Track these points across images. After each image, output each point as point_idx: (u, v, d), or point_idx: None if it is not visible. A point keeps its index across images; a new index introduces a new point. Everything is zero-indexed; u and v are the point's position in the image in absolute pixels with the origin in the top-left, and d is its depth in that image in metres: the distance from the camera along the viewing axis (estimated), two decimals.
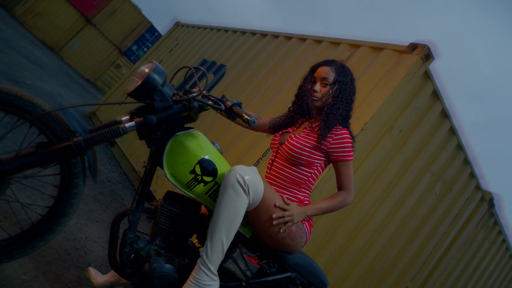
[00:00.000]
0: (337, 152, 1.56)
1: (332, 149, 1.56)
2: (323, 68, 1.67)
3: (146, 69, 1.32)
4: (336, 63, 1.68)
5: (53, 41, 15.48)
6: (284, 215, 1.43)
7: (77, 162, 1.26)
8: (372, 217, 3.17)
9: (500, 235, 4.88)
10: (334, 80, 1.62)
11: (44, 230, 1.26)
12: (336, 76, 1.63)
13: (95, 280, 1.70)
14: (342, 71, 1.65)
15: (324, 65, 1.69)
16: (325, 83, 1.63)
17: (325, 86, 1.64)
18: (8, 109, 1.16)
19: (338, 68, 1.65)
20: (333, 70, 1.65)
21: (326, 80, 1.63)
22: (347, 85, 1.64)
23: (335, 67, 1.66)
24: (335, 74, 1.63)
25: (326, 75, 1.64)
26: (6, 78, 4.63)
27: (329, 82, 1.63)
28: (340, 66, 1.67)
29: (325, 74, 1.64)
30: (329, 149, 1.56)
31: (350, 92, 1.65)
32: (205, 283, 1.32)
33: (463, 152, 3.73)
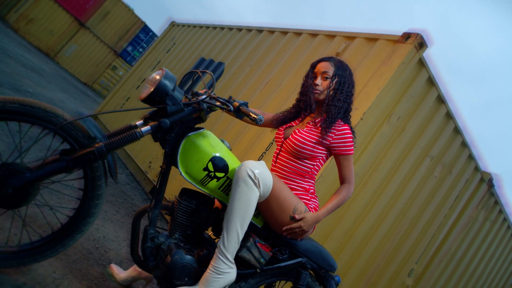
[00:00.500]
0: (339, 146, 1.65)
1: (334, 144, 1.65)
2: (322, 63, 1.77)
3: (157, 76, 1.42)
4: (335, 58, 1.78)
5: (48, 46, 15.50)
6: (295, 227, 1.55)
7: (99, 165, 1.36)
8: (376, 202, 3.28)
9: (501, 214, 4.99)
10: (334, 74, 1.72)
11: (73, 230, 1.36)
12: (335, 70, 1.72)
13: (118, 276, 1.81)
14: (341, 65, 1.74)
15: (323, 60, 1.78)
16: (325, 77, 1.72)
17: (325, 79, 1.73)
18: (33, 121, 1.25)
19: (337, 63, 1.74)
20: (332, 64, 1.74)
21: (326, 74, 1.72)
22: (346, 78, 1.73)
23: (333, 62, 1.75)
24: (334, 68, 1.73)
25: (326, 69, 1.73)
26: (9, 88, 4.71)
27: (329, 75, 1.72)
28: (338, 61, 1.76)
29: (325, 68, 1.73)
30: (331, 144, 1.65)
31: (349, 85, 1.74)
32: (224, 271, 1.42)
33: (461, 136, 3.82)
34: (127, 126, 1.44)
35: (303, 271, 1.67)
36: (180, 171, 1.44)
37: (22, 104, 1.22)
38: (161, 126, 1.38)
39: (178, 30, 7.05)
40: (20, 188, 1.22)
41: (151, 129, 1.39)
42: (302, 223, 1.56)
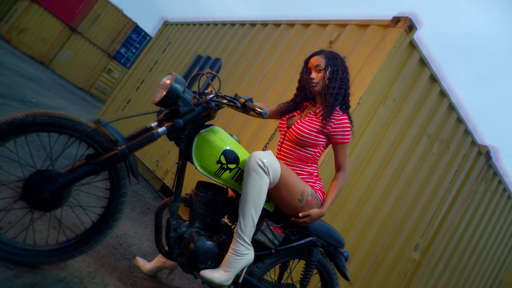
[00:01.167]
0: (338, 135, 1.78)
1: (333, 133, 1.78)
2: (314, 58, 1.88)
3: (167, 80, 1.54)
4: (324, 51, 1.89)
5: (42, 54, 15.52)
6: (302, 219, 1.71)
7: (122, 166, 1.49)
8: (377, 183, 3.42)
9: (501, 185, 5.12)
10: (326, 65, 1.83)
11: (103, 226, 1.50)
12: (327, 61, 1.84)
13: (143, 267, 1.96)
14: (331, 56, 1.85)
15: (314, 55, 1.90)
16: (319, 69, 1.84)
17: (319, 72, 1.84)
18: (61, 131, 1.38)
19: (327, 54, 1.86)
20: (323, 57, 1.85)
21: (319, 67, 1.84)
22: (338, 66, 1.84)
23: (324, 54, 1.86)
24: (325, 59, 1.84)
25: (318, 62, 1.84)
26: (14, 100, 4.83)
27: (322, 67, 1.83)
28: (328, 52, 1.87)
29: (317, 61, 1.85)
30: (330, 132, 1.78)
31: (343, 72, 1.86)
32: (243, 253, 1.57)
33: (456, 112, 3.94)
34: (143, 128, 1.56)
35: (314, 249, 1.81)
36: (195, 165, 1.58)
37: (50, 116, 1.35)
38: (176, 126, 1.51)
39: (172, 29, 7.12)
40: (55, 192, 1.36)
41: (167, 130, 1.53)
42: (308, 220, 1.71)
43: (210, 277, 1.53)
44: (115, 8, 16.89)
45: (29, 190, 1.33)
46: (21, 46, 14.91)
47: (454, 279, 4.96)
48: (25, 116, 1.32)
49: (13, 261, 1.36)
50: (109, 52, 16.88)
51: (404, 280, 4.15)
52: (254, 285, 1.71)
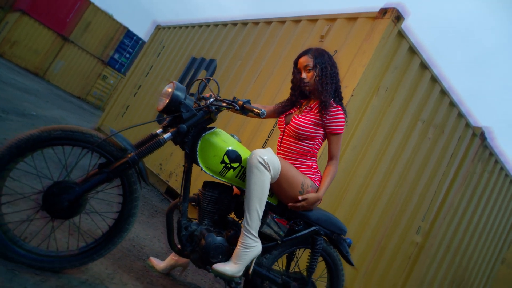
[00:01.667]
0: (332, 125, 1.88)
1: (328, 123, 1.88)
2: (301, 58, 1.98)
3: (169, 89, 1.64)
4: (311, 49, 1.98)
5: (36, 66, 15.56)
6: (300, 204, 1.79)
7: (133, 172, 1.59)
8: (376, 170, 3.52)
9: (497, 164, 5.22)
10: (314, 64, 1.92)
11: (119, 229, 1.60)
12: (314, 60, 1.93)
13: (157, 266, 2.07)
14: (318, 54, 1.95)
15: (301, 56, 1.99)
16: (308, 69, 1.94)
17: (309, 71, 1.94)
18: (74, 143, 1.48)
19: (314, 52, 1.95)
20: (310, 56, 1.95)
21: (308, 66, 1.93)
22: (326, 63, 1.94)
23: (311, 53, 1.96)
24: (313, 58, 1.94)
25: (306, 63, 1.94)
26: (15, 114, 4.91)
27: (310, 67, 1.93)
28: (315, 50, 1.97)
29: (305, 62, 1.95)
30: (325, 123, 1.88)
31: (331, 67, 1.95)
32: (251, 245, 1.67)
33: (448, 96, 4.03)
34: (150, 135, 1.66)
35: (318, 237, 1.92)
36: (201, 167, 1.68)
37: (64, 130, 1.45)
38: (180, 131, 1.61)
39: (165, 33, 7.19)
40: (73, 201, 1.46)
41: (172, 135, 1.63)
42: (305, 203, 1.80)
43: (222, 270, 1.64)
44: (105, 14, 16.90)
45: (49, 200, 1.43)
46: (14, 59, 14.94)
47: (457, 260, 5.08)
48: (41, 132, 1.41)
49: (39, 267, 1.46)
50: (102, 58, 16.92)
51: (408, 263, 4.27)
52: (264, 275, 1.81)
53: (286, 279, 1.88)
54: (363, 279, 3.77)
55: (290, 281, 1.88)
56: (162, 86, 5.90)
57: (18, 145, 1.38)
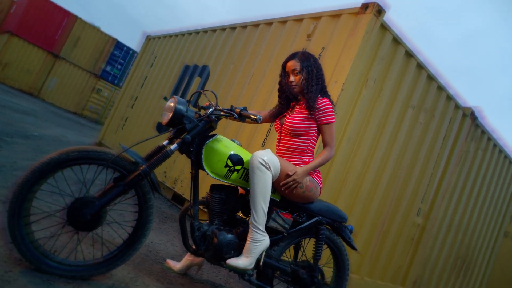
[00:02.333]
0: (321, 116, 2.02)
1: (318, 115, 2.02)
2: (289, 62, 2.12)
3: (171, 103, 1.79)
4: (298, 53, 2.12)
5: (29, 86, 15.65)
6: (290, 180, 1.90)
7: (145, 183, 1.74)
8: (372, 159, 3.67)
9: (490, 141, 5.38)
10: (301, 67, 2.07)
11: (138, 236, 1.74)
12: (301, 64, 2.07)
13: (175, 267, 2.22)
14: (304, 58, 2.09)
15: (289, 60, 2.13)
16: (296, 73, 2.08)
17: (296, 74, 2.08)
18: (90, 162, 1.62)
19: (301, 57, 2.10)
20: (297, 60, 2.09)
21: (296, 70, 2.08)
22: (312, 66, 2.08)
23: (298, 58, 2.10)
24: (300, 62, 2.08)
25: (294, 67, 2.09)
26: (19, 137, 5.05)
27: (298, 70, 2.07)
28: (301, 54, 2.11)
29: (293, 66, 2.09)
30: (315, 116, 2.02)
31: (317, 70, 2.10)
32: (260, 239, 1.82)
33: (435, 81, 4.17)
34: (157, 147, 1.80)
35: (321, 227, 2.07)
36: (207, 172, 1.82)
37: (80, 151, 1.59)
38: (185, 141, 1.76)
39: (156, 43, 7.32)
40: (94, 214, 1.60)
41: (178, 146, 1.77)
42: (295, 176, 1.90)
43: (235, 264, 1.79)
44: (93, 27, 16.98)
45: (72, 215, 1.58)
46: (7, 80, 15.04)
47: (460, 237, 5.24)
48: (60, 155, 1.55)
49: (70, 277, 1.61)
50: (95, 72, 17.02)
51: (411, 245, 4.43)
52: (274, 266, 1.96)
53: (295, 267, 2.03)
54: (369, 263, 3.93)
55: (298, 269, 2.03)
56: (158, 96, 6.04)
57: (40, 169, 1.52)
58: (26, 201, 1.52)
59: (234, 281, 2.52)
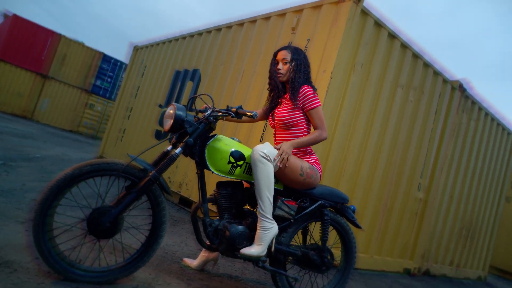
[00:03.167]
0: (306, 103, 2.12)
1: (301, 103, 2.12)
2: (281, 52, 2.23)
3: (171, 110, 1.89)
4: (291, 46, 2.24)
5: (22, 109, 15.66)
6: (279, 154, 1.97)
7: (156, 187, 1.84)
8: (368, 141, 3.78)
9: (482, 111, 5.50)
10: (291, 58, 2.18)
11: (155, 237, 1.85)
12: (292, 55, 2.19)
13: (192, 264, 2.33)
14: (296, 51, 2.20)
15: (281, 49, 2.25)
16: (285, 62, 2.19)
17: (285, 64, 2.19)
18: (103, 173, 1.73)
19: (293, 49, 2.21)
20: (289, 51, 2.20)
21: (285, 60, 2.19)
22: (301, 60, 2.19)
23: (290, 49, 2.21)
24: (291, 54, 2.19)
25: (284, 56, 2.20)
26: (23, 160, 5.14)
27: (287, 60, 2.18)
28: (294, 48, 2.22)
29: (283, 55, 2.20)
30: (300, 104, 2.13)
31: (305, 65, 2.21)
32: (268, 227, 1.94)
33: (420, 59, 4.28)
34: (162, 153, 1.91)
35: (324, 210, 2.19)
36: (212, 170, 1.93)
37: (92, 164, 1.69)
38: (188, 144, 1.87)
39: (144, 52, 7.39)
40: (112, 222, 1.71)
41: (182, 149, 1.88)
42: (281, 150, 1.98)
43: (248, 252, 1.90)
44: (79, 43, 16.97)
45: (92, 225, 1.69)
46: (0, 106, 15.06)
47: (462, 207, 5.38)
48: (73, 170, 1.66)
49: (97, 282, 1.72)
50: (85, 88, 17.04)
51: (416, 219, 4.57)
52: (285, 251, 2.08)
53: (305, 250, 2.15)
54: (376, 242, 4.06)
55: (308, 251, 2.15)
56: (153, 105, 6.13)
57: (58, 185, 1.63)
58: (47, 216, 1.63)
59: (249, 272, 2.64)
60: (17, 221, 2.40)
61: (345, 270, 2.35)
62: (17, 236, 2.09)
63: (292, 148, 2.04)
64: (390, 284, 3.76)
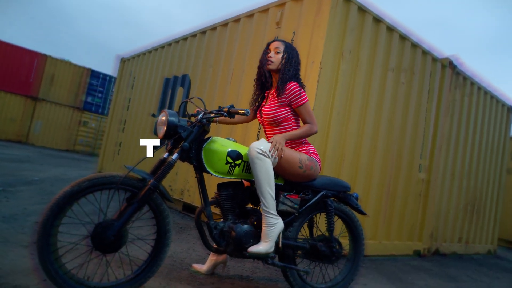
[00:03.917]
0: (293, 100, 2.11)
1: (289, 100, 2.11)
2: (275, 42, 2.24)
3: (163, 117, 1.88)
4: (286, 41, 2.26)
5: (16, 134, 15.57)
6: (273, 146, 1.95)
7: (156, 196, 1.83)
8: (364, 127, 3.78)
9: (474, 85, 5.51)
10: (284, 50, 2.18)
11: (161, 246, 1.83)
12: (285, 48, 2.20)
13: (201, 269, 2.32)
14: (290, 46, 2.22)
15: (276, 40, 2.26)
16: (277, 51, 2.19)
17: (277, 53, 2.19)
18: (102, 188, 1.71)
19: (287, 43, 2.23)
20: (283, 43, 2.22)
21: (278, 49, 2.19)
22: (293, 56, 2.20)
23: (284, 42, 2.23)
24: (284, 46, 2.20)
25: (278, 46, 2.20)
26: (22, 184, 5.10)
27: (280, 50, 2.18)
28: (288, 43, 2.24)
29: (277, 45, 2.21)
30: (287, 101, 2.12)
31: (296, 61, 2.21)
32: (274, 223, 1.93)
33: (408, 40, 4.28)
34: (159, 160, 1.89)
35: (327, 200, 2.18)
36: (210, 173, 1.92)
37: (90, 179, 1.68)
38: (184, 149, 1.85)
39: (131, 64, 7.36)
40: (116, 234, 1.69)
41: (179, 155, 1.86)
42: (274, 141, 1.96)
43: (257, 250, 1.89)
44: (65, 62, 16.90)
45: (97, 240, 1.67)
46: None
47: (465, 183, 5.40)
48: (72, 187, 1.64)
49: None
50: (77, 105, 16.97)
51: (420, 200, 4.57)
52: (292, 245, 2.07)
53: (312, 242, 2.14)
54: (383, 226, 4.06)
55: (316, 243, 2.14)
56: (146, 115, 6.11)
57: (58, 204, 1.61)
58: (51, 236, 1.61)
59: (260, 270, 2.63)
60: (21, 245, 2.38)
61: (355, 258, 2.34)
62: (23, 261, 2.07)
63: (285, 139, 2.03)
64: (401, 267, 3.76)
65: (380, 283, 2.96)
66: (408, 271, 3.65)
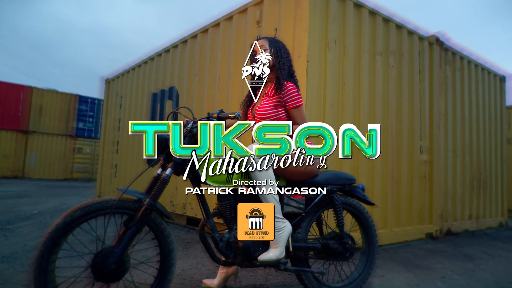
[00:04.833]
0: (289, 101, 2.04)
1: (284, 101, 2.04)
2: (258, 41, 2.16)
3: None
4: (267, 37, 2.19)
5: (11, 170, 15.39)
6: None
7: (155, 215, 1.73)
8: (359, 115, 3.70)
9: (463, 59, 5.46)
10: (269, 46, 2.11)
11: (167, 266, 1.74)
12: (269, 43, 2.12)
13: (213, 284, 2.21)
14: (273, 39, 2.16)
15: (258, 39, 2.18)
16: (264, 49, 2.11)
17: (265, 51, 2.11)
18: (96, 215, 1.62)
19: (270, 38, 2.16)
20: (266, 40, 2.15)
21: (264, 47, 2.12)
22: (279, 47, 2.13)
23: (266, 38, 2.16)
24: (268, 42, 2.13)
25: (262, 44, 2.13)
26: (21, 220, 4.98)
27: (266, 47, 2.12)
28: (271, 38, 2.17)
29: (261, 43, 2.14)
30: (282, 102, 2.04)
31: (284, 51, 2.14)
32: (281, 227, 1.84)
33: (392, 22, 4.22)
34: (153, 178, 1.80)
35: (333, 195, 2.09)
36: (209, 184, 1.83)
37: (82, 208, 1.58)
38: (177, 162, 1.76)
39: (117, 83, 7.26)
40: (117, 261, 1.60)
41: (172, 169, 1.77)
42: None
43: (267, 258, 1.80)
44: (52, 91, 16.78)
45: (97, 270, 1.57)
46: None
47: (467, 159, 5.32)
48: (64, 218, 1.55)
49: None
50: (69, 133, 16.83)
51: (425, 182, 4.49)
52: (303, 247, 1.98)
53: (324, 241, 2.04)
54: (392, 214, 3.98)
55: (327, 241, 2.05)
56: None
57: (51, 238, 1.51)
58: (48, 273, 1.51)
59: (273, 276, 2.53)
60: (23, 285, 2.27)
61: (369, 251, 2.25)
62: None
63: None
64: (416, 252, 3.68)
65: (397, 272, 2.88)
66: (424, 255, 3.56)
